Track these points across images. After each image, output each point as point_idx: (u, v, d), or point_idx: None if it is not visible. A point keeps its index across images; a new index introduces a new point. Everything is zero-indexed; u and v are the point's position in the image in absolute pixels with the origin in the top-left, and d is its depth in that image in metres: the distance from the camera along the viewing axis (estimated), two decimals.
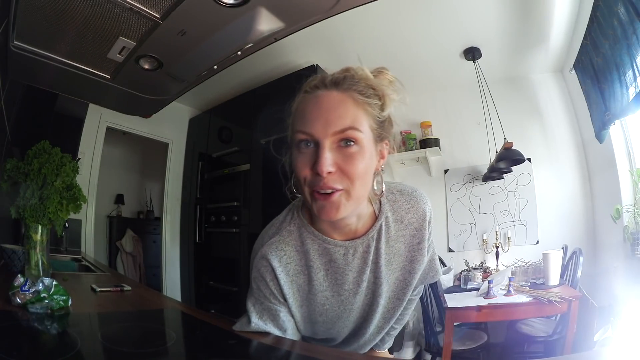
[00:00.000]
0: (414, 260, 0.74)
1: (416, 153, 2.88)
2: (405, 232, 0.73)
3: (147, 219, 4.07)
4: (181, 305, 1.25)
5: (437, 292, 2.11)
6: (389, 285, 0.74)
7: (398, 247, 0.73)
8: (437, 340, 2.04)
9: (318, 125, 0.58)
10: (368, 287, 0.73)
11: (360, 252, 0.70)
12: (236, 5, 1.05)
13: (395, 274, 0.74)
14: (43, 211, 1.06)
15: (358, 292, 0.72)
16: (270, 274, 0.69)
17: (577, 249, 2.05)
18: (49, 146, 1.14)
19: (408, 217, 0.73)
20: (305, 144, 0.60)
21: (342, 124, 0.57)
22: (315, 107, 0.58)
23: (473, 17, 2.10)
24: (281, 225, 0.74)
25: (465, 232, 2.81)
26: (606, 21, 1.68)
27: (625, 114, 1.72)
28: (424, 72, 2.72)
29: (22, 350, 0.63)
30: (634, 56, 1.54)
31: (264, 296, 0.71)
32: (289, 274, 0.70)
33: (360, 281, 0.71)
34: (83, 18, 1.11)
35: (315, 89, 0.60)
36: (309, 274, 0.70)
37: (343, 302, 0.72)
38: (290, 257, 0.70)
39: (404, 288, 0.76)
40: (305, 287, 0.71)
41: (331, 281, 0.71)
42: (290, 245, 0.70)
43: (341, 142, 0.58)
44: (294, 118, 0.63)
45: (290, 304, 0.72)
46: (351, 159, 0.58)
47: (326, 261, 0.70)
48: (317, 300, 0.72)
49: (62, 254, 2.20)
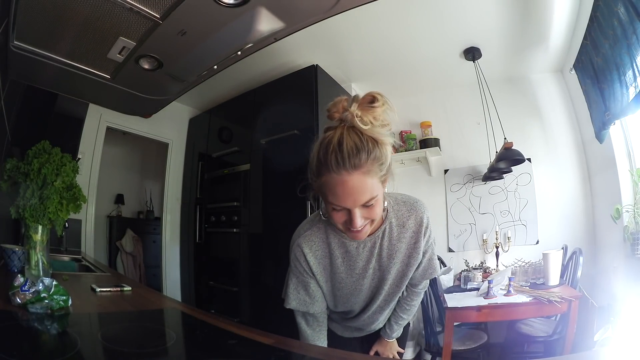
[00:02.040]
0: (411, 256, 0.96)
1: (416, 153, 2.88)
2: (405, 234, 0.94)
3: (147, 219, 4.07)
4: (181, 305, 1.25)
5: (437, 292, 2.11)
6: (390, 275, 0.97)
7: (399, 246, 0.94)
8: (437, 340, 2.04)
9: (349, 202, 0.76)
10: (374, 274, 0.97)
11: (368, 247, 0.93)
12: (236, 5, 1.05)
13: (397, 266, 0.96)
14: (43, 211, 1.06)
15: (366, 277, 0.96)
16: (302, 257, 0.95)
17: (577, 249, 2.05)
18: (49, 146, 1.14)
19: (408, 223, 0.94)
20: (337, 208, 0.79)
21: (366, 198, 0.76)
22: (343, 190, 0.75)
23: (473, 17, 2.10)
24: (312, 223, 0.97)
25: (465, 232, 2.81)
26: (606, 21, 1.68)
27: (625, 114, 1.72)
28: (424, 72, 2.72)
29: (22, 350, 0.63)
30: (634, 56, 1.54)
31: (299, 272, 0.97)
32: (317, 258, 0.95)
33: (367, 268, 0.95)
34: (83, 18, 1.11)
35: (337, 170, 0.74)
36: (331, 259, 0.95)
37: (355, 282, 0.97)
38: (317, 245, 0.95)
39: (402, 277, 0.99)
40: (329, 268, 0.96)
41: (346, 266, 0.95)
42: (319, 237, 0.95)
43: (366, 204, 0.77)
44: (322, 186, 0.78)
45: (319, 279, 0.97)
46: (373, 210, 0.79)
47: (343, 251, 0.94)
48: (336, 279, 0.97)
49: (62, 254, 2.19)
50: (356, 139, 0.73)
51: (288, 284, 1.00)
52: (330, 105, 0.77)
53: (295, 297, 0.99)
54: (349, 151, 0.72)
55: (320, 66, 2.41)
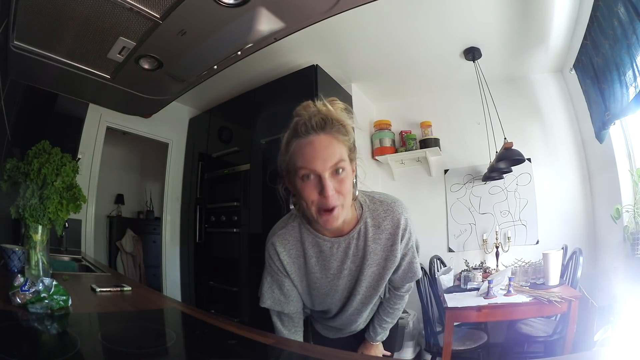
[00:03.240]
0: (387, 259, 0.94)
1: (416, 153, 2.88)
2: (381, 235, 0.92)
3: (147, 219, 4.07)
4: (181, 305, 1.25)
5: (437, 292, 2.11)
6: (365, 276, 0.95)
7: (374, 247, 0.93)
8: (437, 340, 2.04)
9: (318, 163, 0.77)
10: (349, 274, 0.95)
11: (342, 247, 0.92)
12: (236, 5, 1.05)
13: (372, 268, 0.94)
14: (43, 211, 1.06)
15: (340, 277, 0.95)
16: (276, 255, 0.95)
17: (577, 249, 2.05)
18: (49, 146, 1.14)
19: (384, 224, 0.92)
20: (307, 176, 0.78)
21: (335, 159, 0.77)
22: (312, 149, 0.77)
23: (473, 17, 2.10)
24: (287, 222, 0.97)
25: (465, 232, 2.81)
26: (606, 21, 1.68)
27: (625, 114, 1.72)
28: (424, 72, 2.72)
29: (22, 350, 0.63)
30: (634, 56, 1.54)
31: (273, 271, 0.97)
32: (291, 257, 0.95)
33: (342, 268, 0.94)
34: (83, 18, 1.11)
35: (306, 133, 0.78)
36: (305, 258, 0.95)
37: (330, 282, 0.96)
38: (291, 244, 0.94)
39: (378, 280, 0.96)
40: (303, 267, 0.96)
41: (321, 265, 0.94)
42: (292, 236, 0.94)
43: (334, 172, 0.78)
44: (292, 156, 0.80)
45: (293, 278, 0.97)
46: (343, 182, 0.79)
47: (317, 251, 0.93)
48: (311, 278, 0.96)
49: (62, 254, 2.19)
50: (323, 117, 0.79)
51: (263, 283, 1.01)
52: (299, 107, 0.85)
53: (269, 296, 0.99)
54: (317, 122, 0.78)
55: (320, 66, 2.41)
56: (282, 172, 0.85)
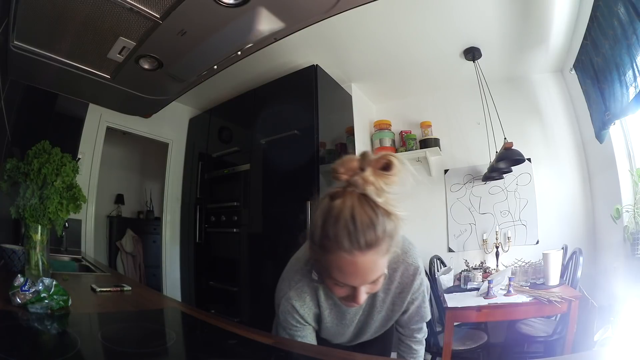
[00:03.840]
0: (395, 304, 0.94)
1: (416, 153, 2.88)
2: (391, 285, 0.90)
3: (147, 219, 4.07)
4: (181, 305, 1.25)
5: (437, 292, 2.11)
6: (374, 320, 0.96)
7: (383, 297, 0.92)
8: (437, 340, 2.04)
9: (357, 282, 0.70)
10: (359, 321, 0.97)
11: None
12: (236, 5, 1.05)
13: (381, 314, 0.95)
14: (43, 211, 1.06)
15: (352, 324, 0.97)
16: (295, 311, 0.88)
17: (577, 249, 2.05)
18: (49, 146, 1.14)
19: (395, 275, 0.89)
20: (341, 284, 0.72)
21: (375, 277, 0.71)
22: (356, 270, 0.67)
23: (473, 17, 2.10)
24: (302, 274, 0.88)
25: (465, 232, 2.81)
26: (606, 21, 1.68)
27: (625, 114, 1.72)
28: (424, 72, 2.72)
29: (22, 350, 0.63)
30: (634, 56, 1.54)
31: (289, 326, 0.89)
32: (307, 309, 0.90)
33: (354, 319, 0.95)
34: (83, 18, 1.11)
35: (350, 250, 0.65)
36: (320, 309, 0.91)
37: (343, 327, 0.96)
38: (310, 298, 0.89)
39: (387, 321, 0.98)
40: (317, 317, 0.93)
41: (334, 316, 0.93)
42: (309, 291, 0.88)
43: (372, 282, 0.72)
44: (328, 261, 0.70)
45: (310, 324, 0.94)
46: (377, 285, 0.74)
47: (332, 303, 0.91)
48: (325, 325, 0.94)
49: (62, 254, 2.19)
50: (370, 213, 0.64)
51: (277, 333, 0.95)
52: (337, 165, 0.68)
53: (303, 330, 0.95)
54: (364, 228, 0.63)
55: (320, 66, 2.41)
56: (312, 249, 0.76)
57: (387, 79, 2.82)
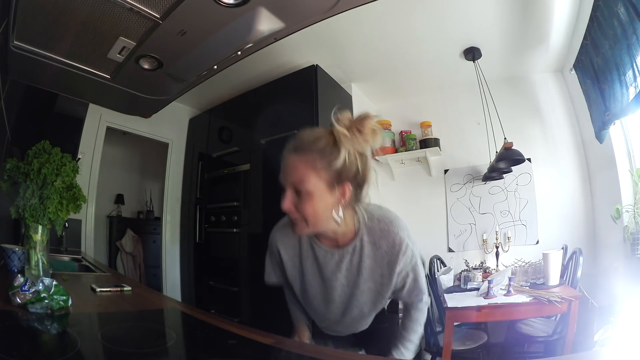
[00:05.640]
0: (383, 275, 0.94)
1: (416, 153, 2.88)
2: (376, 252, 0.93)
3: (147, 219, 4.07)
4: (181, 305, 1.25)
5: (437, 292, 2.11)
6: (361, 291, 0.97)
7: (369, 263, 0.94)
8: (437, 340, 2.04)
9: (281, 178, 0.85)
10: (342, 289, 0.98)
11: (336, 258, 0.95)
12: (236, 5, 1.05)
13: (368, 284, 0.96)
14: (43, 211, 1.06)
15: (333, 287, 0.98)
16: (276, 249, 1.03)
17: (577, 249, 2.05)
18: (49, 146, 1.14)
19: (380, 242, 0.93)
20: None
21: (294, 179, 0.82)
22: (283, 166, 0.84)
23: (473, 17, 2.10)
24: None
25: (465, 232, 2.81)
26: (606, 21, 1.68)
27: (625, 114, 1.72)
28: (424, 72, 2.72)
29: (22, 350, 0.63)
30: (634, 56, 1.54)
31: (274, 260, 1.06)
32: (288, 254, 1.02)
33: (334, 279, 0.97)
34: (83, 18, 1.11)
35: (287, 149, 0.85)
36: (301, 258, 1.00)
37: (324, 289, 1.00)
38: (290, 243, 1.01)
39: (377, 296, 0.98)
40: (298, 266, 1.01)
41: (315, 269, 0.99)
42: (292, 235, 0.99)
43: (296, 189, 0.83)
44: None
45: (289, 275, 1.03)
46: (303, 203, 0.83)
47: (312, 255, 0.98)
48: (305, 279, 1.01)
49: (62, 254, 2.19)
50: (319, 133, 0.83)
51: (265, 264, 1.11)
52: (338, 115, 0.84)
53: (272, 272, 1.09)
54: (302, 138, 0.83)
55: (320, 66, 2.41)
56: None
57: (387, 79, 2.82)
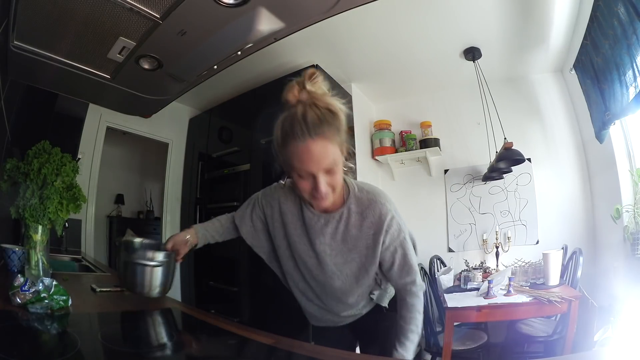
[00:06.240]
0: (369, 247, 0.96)
1: (416, 153, 2.88)
2: (362, 222, 0.96)
3: (147, 219, 4.07)
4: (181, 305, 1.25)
5: (437, 292, 2.11)
6: (344, 260, 0.99)
7: (355, 233, 0.97)
8: (437, 340, 2.04)
9: (313, 166, 0.82)
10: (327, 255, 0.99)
11: (322, 222, 0.98)
12: (236, 5, 1.05)
13: (352, 254, 0.98)
14: (43, 211, 1.06)
15: (317, 252, 0.99)
16: (260, 206, 1.09)
17: (577, 249, 2.05)
18: (49, 146, 1.14)
19: (367, 212, 0.95)
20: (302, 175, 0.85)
21: (328, 162, 0.83)
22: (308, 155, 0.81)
23: (473, 17, 2.10)
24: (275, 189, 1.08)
25: (465, 232, 2.81)
26: (606, 21, 1.68)
27: (625, 114, 1.72)
28: (424, 72, 2.72)
29: (22, 350, 0.63)
30: (634, 56, 1.54)
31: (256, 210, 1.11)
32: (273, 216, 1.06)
33: (317, 242, 0.99)
34: (83, 18, 1.10)
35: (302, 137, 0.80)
36: (284, 217, 1.03)
37: (305, 249, 1.01)
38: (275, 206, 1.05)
39: (360, 269, 1.00)
40: (281, 228, 1.05)
41: (301, 230, 1.01)
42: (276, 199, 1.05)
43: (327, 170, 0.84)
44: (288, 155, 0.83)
45: (273, 233, 1.07)
46: (335, 177, 0.86)
47: (299, 216, 1.01)
48: (290, 239, 1.03)
49: (62, 254, 2.19)
50: (317, 112, 0.81)
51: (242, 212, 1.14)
52: (286, 92, 0.85)
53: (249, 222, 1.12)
54: (313, 122, 0.80)
55: (320, 66, 2.41)
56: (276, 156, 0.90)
57: (387, 79, 2.82)
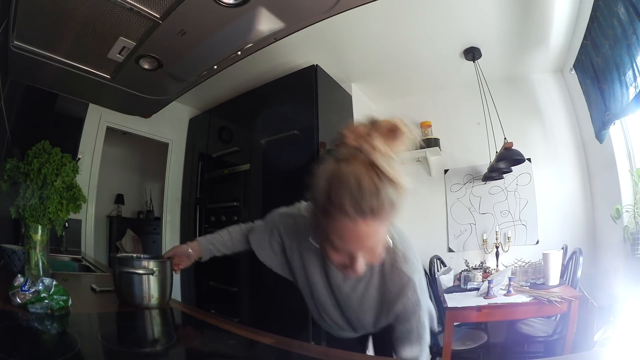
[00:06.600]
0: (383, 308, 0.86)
1: (416, 153, 2.88)
2: (383, 287, 0.85)
3: (147, 219, 4.07)
4: (181, 305, 1.25)
5: (437, 292, 2.11)
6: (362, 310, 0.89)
7: (372, 293, 0.87)
8: (437, 340, 2.04)
9: (354, 247, 0.68)
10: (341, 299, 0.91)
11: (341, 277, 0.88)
12: (236, 5, 1.05)
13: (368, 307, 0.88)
14: (43, 211, 1.06)
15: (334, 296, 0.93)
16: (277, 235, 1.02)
17: (577, 249, 2.05)
18: (49, 146, 1.14)
19: (389, 277, 0.84)
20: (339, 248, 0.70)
21: (372, 243, 0.68)
22: (357, 237, 0.66)
23: (473, 17, 2.10)
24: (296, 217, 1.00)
25: (465, 232, 2.80)
26: (606, 21, 1.68)
27: (625, 114, 1.72)
28: (424, 72, 2.72)
29: (22, 350, 0.63)
30: (634, 56, 1.54)
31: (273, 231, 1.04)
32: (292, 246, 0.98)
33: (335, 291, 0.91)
34: (83, 18, 1.11)
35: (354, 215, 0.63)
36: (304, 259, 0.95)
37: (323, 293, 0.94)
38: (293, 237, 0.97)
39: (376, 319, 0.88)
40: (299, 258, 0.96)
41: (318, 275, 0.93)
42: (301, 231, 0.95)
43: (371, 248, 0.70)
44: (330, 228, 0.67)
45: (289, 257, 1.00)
46: (376, 252, 0.71)
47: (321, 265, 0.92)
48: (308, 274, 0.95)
49: (62, 254, 2.19)
50: (377, 180, 0.62)
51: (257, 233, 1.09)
52: (345, 130, 0.66)
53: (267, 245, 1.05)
54: (369, 195, 0.61)
55: (320, 66, 2.41)
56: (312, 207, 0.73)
57: (387, 79, 2.82)
